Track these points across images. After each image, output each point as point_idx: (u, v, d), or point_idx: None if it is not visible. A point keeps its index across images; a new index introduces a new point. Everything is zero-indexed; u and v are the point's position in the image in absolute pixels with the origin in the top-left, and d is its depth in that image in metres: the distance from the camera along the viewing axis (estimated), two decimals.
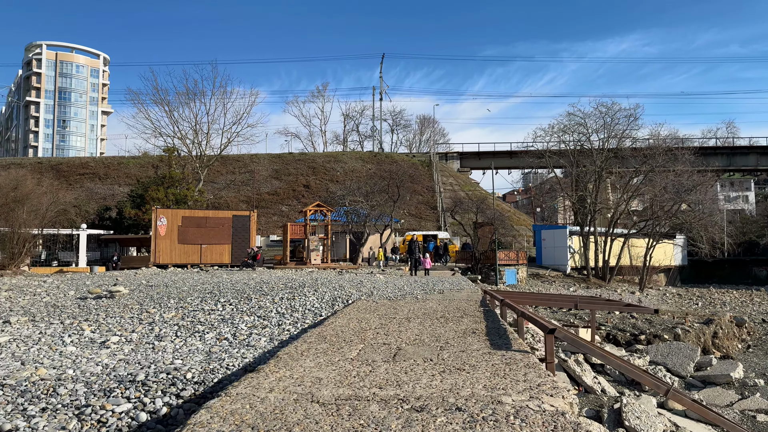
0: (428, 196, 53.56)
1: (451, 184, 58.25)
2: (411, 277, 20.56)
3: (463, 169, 65.18)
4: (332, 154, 64.70)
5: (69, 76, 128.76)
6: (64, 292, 16.49)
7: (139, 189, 38.99)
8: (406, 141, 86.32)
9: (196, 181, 42.34)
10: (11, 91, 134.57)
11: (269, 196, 52.55)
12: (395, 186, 32.49)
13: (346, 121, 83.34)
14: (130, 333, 10.40)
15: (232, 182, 53.77)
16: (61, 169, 60.35)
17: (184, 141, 43.47)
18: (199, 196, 38.55)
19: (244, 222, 29.89)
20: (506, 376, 4.96)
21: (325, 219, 31.59)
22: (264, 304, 12.12)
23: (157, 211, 29.04)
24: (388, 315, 9.20)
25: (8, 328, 11.48)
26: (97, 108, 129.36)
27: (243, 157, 59.14)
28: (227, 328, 10.29)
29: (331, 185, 47.32)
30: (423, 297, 12.26)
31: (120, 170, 59.14)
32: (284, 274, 22.51)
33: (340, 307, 11.40)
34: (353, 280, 17.58)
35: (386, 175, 34.58)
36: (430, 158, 62.02)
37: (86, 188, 57.17)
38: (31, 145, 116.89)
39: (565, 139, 42.59)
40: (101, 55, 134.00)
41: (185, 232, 28.90)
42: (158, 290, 16.01)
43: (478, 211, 32.54)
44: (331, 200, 35.35)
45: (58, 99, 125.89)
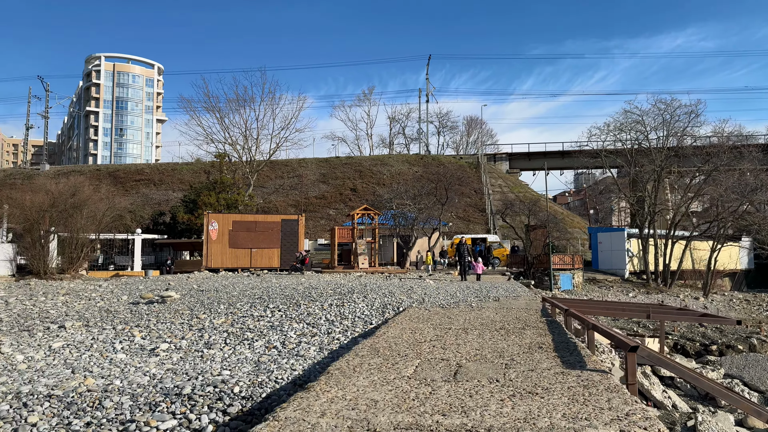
0: (476, 199, 52.54)
1: (500, 186, 56.99)
2: (461, 282, 19.89)
3: (513, 171, 63.69)
4: (378, 157, 64.53)
5: (126, 86, 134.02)
6: (118, 296, 16.73)
7: (191, 194, 39.80)
8: (452, 143, 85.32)
9: (246, 186, 42.92)
10: (73, 101, 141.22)
11: (317, 200, 52.79)
12: (443, 188, 31.83)
13: (392, 124, 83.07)
14: (180, 340, 10.26)
15: (281, 187, 54.33)
16: (118, 176, 62.56)
17: (235, 147, 44.18)
18: (249, 201, 39.01)
19: (293, 226, 29.91)
20: (587, 402, 4.35)
21: (372, 222, 31.28)
22: (313, 311, 11.80)
23: (208, 215, 29.43)
24: (443, 325, 8.67)
25: (63, 333, 11.59)
26: (152, 116, 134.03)
27: (291, 162, 59.74)
28: (276, 336, 10.00)
29: (377, 188, 47.06)
30: (478, 305, 11.64)
31: (174, 176, 60.79)
32: (332, 279, 22.27)
33: (391, 315, 10.93)
34: (403, 285, 17.10)
35: (434, 177, 33.95)
36: (477, 160, 60.91)
37: (142, 194, 59.01)
38: (90, 153, 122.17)
39: (621, 137, 40.81)
40: (155, 65, 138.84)
41: (236, 237, 29.16)
42: (209, 295, 16.00)
43: (530, 213, 31.47)
44: (378, 203, 35.03)
45: (116, 108, 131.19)
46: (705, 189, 37.04)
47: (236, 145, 43.61)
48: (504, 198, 51.87)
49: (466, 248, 22.13)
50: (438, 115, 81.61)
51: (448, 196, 31.63)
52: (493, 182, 56.96)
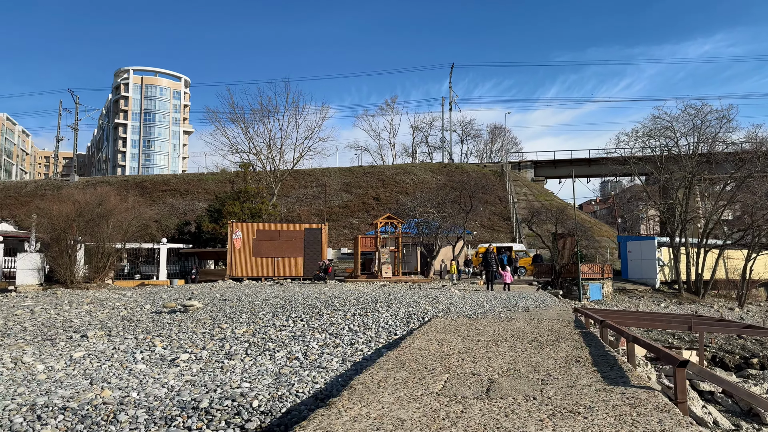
0: (501, 207, 51.84)
1: (525, 194, 56.16)
2: (488, 291, 19.39)
3: (538, 179, 62.77)
4: (401, 166, 64.31)
5: (153, 99, 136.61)
6: (141, 306, 16.69)
7: (216, 204, 40.04)
8: (476, 151, 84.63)
9: (270, 195, 43.04)
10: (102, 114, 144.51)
11: (340, 209, 52.73)
12: (467, 196, 31.33)
13: (414, 133, 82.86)
14: (201, 350, 10.05)
15: (304, 196, 54.44)
16: (145, 186, 63.48)
17: (259, 156, 44.41)
18: (273, 210, 39.09)
19: (316, 235, 29.78)
20: (636, 423, 3.94)
21: (395, 231, 30.96)
22: (336, 321, 11.50)
23: (232, 224, 29.48)
24: (471, 336, 8.27)
25: (85, 342, 11.50)
26: (179, 128, 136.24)
27: (314, 171, 59.88)
28: (298, 347, 9.71)
29: (401, 197, 46.79)
30: (507, 315, 11.19)
31: (199, 186, 61.45)
32: (355, 288, 21.96)
33: (416, 325, 10.56)
34: (427, 294, 16.70)
35: (457, 185, 33.49)
36: (502, 167, 60.22)
37: (168, 204, 59.73)
38: (119, 164, 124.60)
39: (650, 143, 39.80)
40: (182, 78, 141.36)
41: (259, 246, 29.12)
42: (231, 304, 15.84)
43: (557, 221, 30.76)
44: (401, 212, 34.70)
45: (144, 120, 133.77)
46: (738, 196, 35.83)
47: (260, 155, 43.86)
48: (529, 206, 51.05)
49: (493, 257, 21.54)
50: (461, 123, 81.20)
51: (472, 204, 31.11)
52: (518, 190, 56.17)
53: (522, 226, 47.48)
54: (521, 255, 36.73)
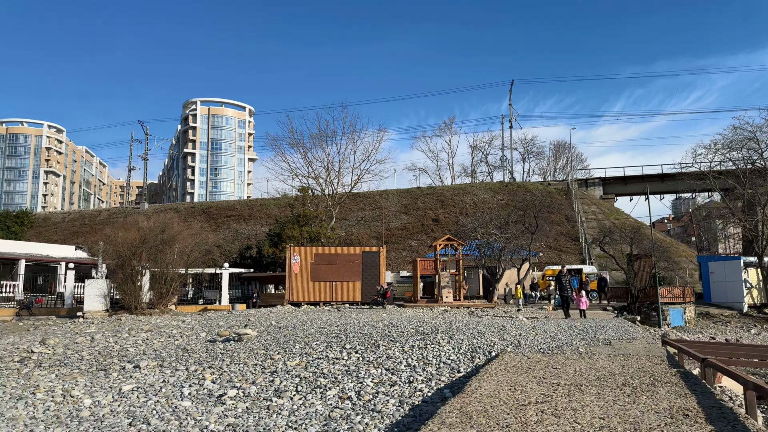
0: (568, 227, 49.44)
1: (594, 213, 53.44)
2: (562, 320, 17.85)
3: (607, 196, 59.72)
4: (461, 186, 63.03)
5: (220, 128, 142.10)
6: (197, 333, 16.40)
7: (276, 228, 40.27)
8: (539, 169, 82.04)
9: (329, 218, 42.93)
10: (172, 144, 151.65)
11: (398, 231, 51.97)
12: (532, 216, 29.74)
13: (473, 152, 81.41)
14: (250, 385, 9.40)
15: (363, 218, 54.13)
16: (211, 212, 65.24)
17: (318, 180, 44.53)
18: (332, 233, 38.84)
19: (374, 258, 29.06)
20: None
21: (455, 254, 29.77)
22: (393, 354, 10.58)
23: (290, 249, 29.29)
24: (548, 379, 7.14)
25: (137, 373, 11.13)
26: (243, 155, 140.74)
27: (372, 194, 59.61)
28: (351, 384, 8.86)
29: (460, 218, 45.46)
30: (587, 350, 9.90)
31: (262, 211, 62.51)
32: (415, 314, 20.96)
33: (482, 361, 9.48)
34: (493, 324, 15.48)
35: (521, 204, 31.93)
36: (568, 185, 57.70)
37: (232, 229, 61.00)
38: (188, 191, 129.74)
39: (731, 156, 36.85)
40: (246, 107, 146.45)
41: (317, 270, 28.71)
42: (285, 332, 15.25)
43: (633, 241, 28.62)
44: (461, 233, 33.46)
45: (211, 149, 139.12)
46: None
47: (319, 179, 43.95)
48: (599, 225, 48.38)
49: (568, 280, 19.80)
50: (522, 141, 79.10)
51: (537, 224, 29.45)
52: (586, 209, 53.52)
53: (592, 247, 44.97)
54: (592, 278, 34.55)
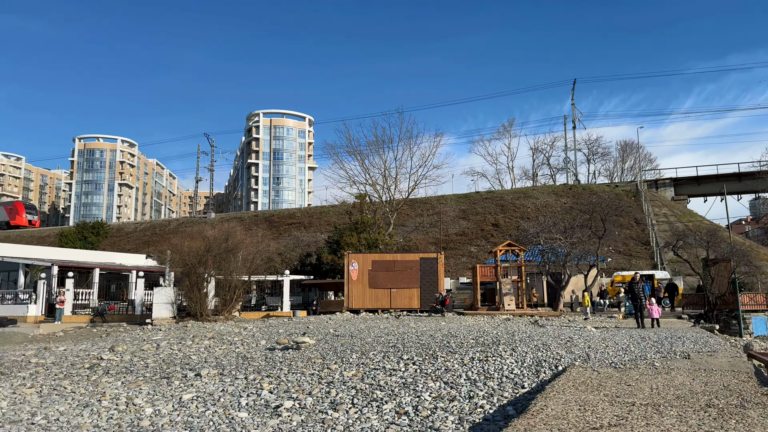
0: (638, 230, 47.04)
1: (665, 215, 50.64)
2: (634, 329, 16.76)
3: (679, 197, 56.51)
4: (521, 190, 61.40)
5: (281, 139, 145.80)
6: (257, 341, 16.56)
7: (335, 235, 40.57)
8: (605, 171, 78.73)
9: (386, 225, 42.84)
10: (237, 155, 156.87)
11: (457, 237, 51.16)
12: (599, 219, 28.36)
13: (534, 155, 79.18)
14: (306, 396, 9.26)
15: (420, 225, 53.68)
16: (273, 220, 66.65)
17: (375, 187, 44.60)
18: (389, 240, 38.70)
19: (432, 264, 28.62)
20: None
21: (517, 259, 28.84)
22: (452, 366, 10.16)
23: (348, 256, 29.32)
24: (622, 397, 6.54)
25: (197, 382, 11.27)
26: (304, 164, 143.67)
27: (430, 200, 59.08)
28: (408, 398, 8.52)
29: (522, 223, 44.22)
30: (663, 365, 9.12)
31: (321, 218, 63.28)
32: (475, 323, 20.36)
33: (548, 376, 8.91)
34: (559, 334, 14.72)
35: (587, 208, 30.53)
36: (636, 187, 54.99)
37: (293, 236, 62.05)
38: (252, 201, 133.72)
39: None
40: (306, 117, 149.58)
41: (375, 276, 28.58)
42: (343, 341, 15.12)
43: (709, 245, 26.76)
44: (523, 239, 32.41)
45: (273, 159, 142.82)
46: None
47: (376, 185, 44.01)
48: (672, 228, 45.76)
49: (641, 287, 18.50)
50: (586, 141, 76.17)
51: (605, 228, 28.03)
52: (657, 211, 50.80)
53: (664, 251, 42.60)
54: (664, 284, 32.62)
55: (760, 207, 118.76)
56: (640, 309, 17.48)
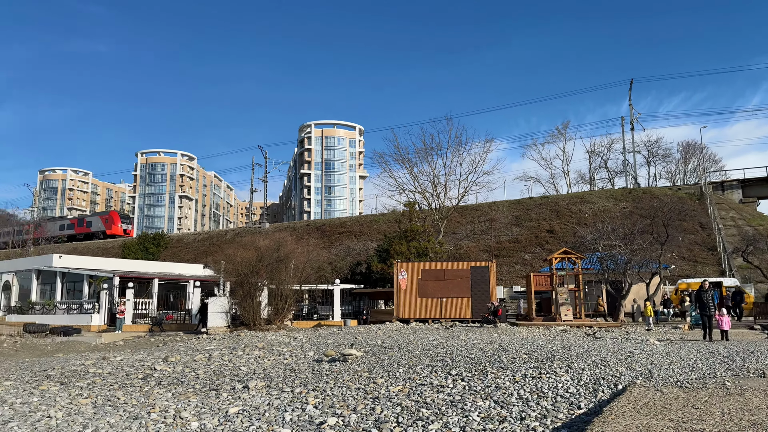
0: (703, 235, 44.51)
1: (733, 219, 47.74)
2: (703, 343, 15.67)
3: (747, 200, 53.20)
4: (578, 194, 59.43)
5: (332, 149, 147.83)
6: (306, 352, 16.50)
7: (384, 244, 40.41)
8: (666, 173, 75.25)
9: (436, 232, 42.33)
10: (290, 166, 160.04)
11: (510, 244, 49.96)
12: (661, 224, 26.88)
13: (591, 158, 76.64)
14: (350, 412, 9.03)
15: (472, 232, 52.77)
16: (324, 230, 67.31)
17: (424, 195, 44.24)
18: (439, 248, 38.18)
19: (483, 273, 27.93)
20: None
21: (574, 268, 27.75)
22: (502, 383, 9.68)
23: (397, 264, 29.04)
24: (688, 424, 5.94)
25: (245, 394, 11.25)
26: (355, 173, 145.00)
27: (481, 206, 58.07)
28: (456, 417, 8.13)
29: (578, 229, 42.68)
30: (735, 384, 8.33)
31: (371, 227, 63.38)
32: (529, 335, 19.61)
33: (606, 396, 8.30)
34: (619, 349, 13.88)
35: (648, 212, 29.04)
36: (701, 189, 52.17)
37: (344, 245, 62.41)
38: (305, 210, 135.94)
39: None
40: (357, 127, 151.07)
41: (425, 286, 28.16)
42: (390, 353, 14.83)
43: None
44: (580, 246, 31.19)
45: (325, 169, 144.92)
46: None
47: (425, 193, 43.63)
48: (740, 233, 43.07)
49: (710, 296, 17.14)
50: (646, 143, 73.07)
51: (668, 234, 26.54)
52: (724, 215, 47.97)
53: (732, 257, 40.09)
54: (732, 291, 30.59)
55: None
56: (709, 320, 16.29)
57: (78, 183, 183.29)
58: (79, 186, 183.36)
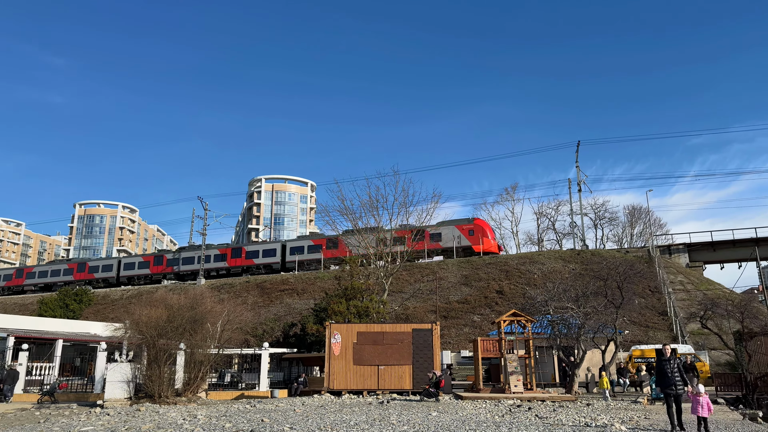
0: (653, 299, 43.33)
1: (681, 282, 47.02)
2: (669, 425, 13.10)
3: (694, 264, 53.01)
4: (527, 255, 58.07)
5: (283, 203, 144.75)
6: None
7: (323, 302, 37.16)
8: (613, 236, 75.57)
9: (381, 291, 39.46)
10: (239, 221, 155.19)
11: (459, 305, 47.42)
12: (616, 286, 25.00)
13: (539, 219, 76.50)
14: None
15: (419, 291, 50.09)
16: (265, 287, 63.22)
17: (368, 250, 41.57)
18: (382, 308, 35.16)
19: (426, 337, 25.06)
20: None
21: (524, 332, 25.27)
22: None
23: (330, 326, 25.84)
24: None
25: None
26: (305, 229, 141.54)
27: (430, 264, 55.76)
28: None
29: (528, 289, 40.74)
30: None
31: (315, 284, 59.77)
32: (474, 412, 16.70)
33: None
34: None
35: (601, 273, 27.25)
36: (648, 252, 51.68)
37: (285, 304, 58.45)
38: None
39: None
40: (309, 183, 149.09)
41: (360, 351, 24.96)
42: None
43: (744, 316, 23.29)
44: (530, 307, 28.94)
45: (274, 224, 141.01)
46: None
47: (369, 248, 40.97)
48: (689, 297, 42.16)
49: (675, 365, 13.13)
50: (593, 206, 73.55)
51: (623, 296, 24.63)
52: (672, 278, 47.23)
53: (683, 322, 38.78)
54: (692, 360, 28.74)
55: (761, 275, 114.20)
56: (676, 400, 12.86)
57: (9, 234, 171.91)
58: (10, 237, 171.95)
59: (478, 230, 59.90)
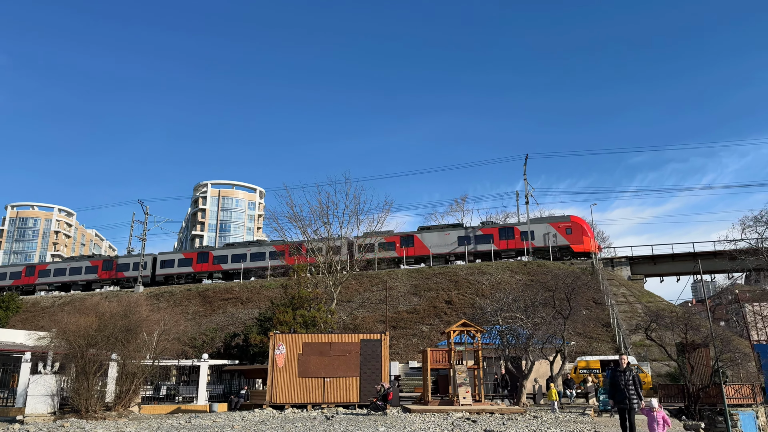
0: (597, 311, 44.18)
1: (624, 295, 48.25)
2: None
3: (635, 277, 54.68)
4: (475, 265, 58.33)
5: (229, 210, 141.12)
6: None
7: (268, 312, 35.81)
8: None
9: (330, 300, 38.46)
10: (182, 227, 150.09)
11: (408, 315, 46.94)
12: (564, 297, 25.09)
13: None
14: None
15: (368, 300, 49.31)
16: (207, 295, 60.94)
17: (317, 257, 40.56)
18: (330, 318, 34.16)
19: (375, 347, 24.30)
20: None
21: (473, 342, 24.94)
22: None
23: (274, 336, 24.70)
24: None
25: None
26: (252, 236, 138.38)
27: (380, 274, 55.11)
28: None
29: (477, 300, 40.68)
30: None
31: (261, 293, 57.98)
32: (423, 426, 16.06)
33: None
34: None
35: (549, 284, 27.36)
36: (592, 265, 52.92)
37: (228, 313, 56.42)
38: None
39: None
40: (257, 189, 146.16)
41: (306, 363, 23.93)
42: None
43: (687, 327, 23.79)
44: (479, 318, 28.73)
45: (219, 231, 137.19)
46: None
47: (318, 256, 39.96)
48: (632, 309, 43.24)
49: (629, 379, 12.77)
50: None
51: (571, 307, 24.73)
52: (615, 290, 48.40)
53: (625, 333, 39.64)
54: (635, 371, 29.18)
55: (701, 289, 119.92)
56: (629, 414, 12.59)
57: None
58: None
59: (577, 228, 55.33)
